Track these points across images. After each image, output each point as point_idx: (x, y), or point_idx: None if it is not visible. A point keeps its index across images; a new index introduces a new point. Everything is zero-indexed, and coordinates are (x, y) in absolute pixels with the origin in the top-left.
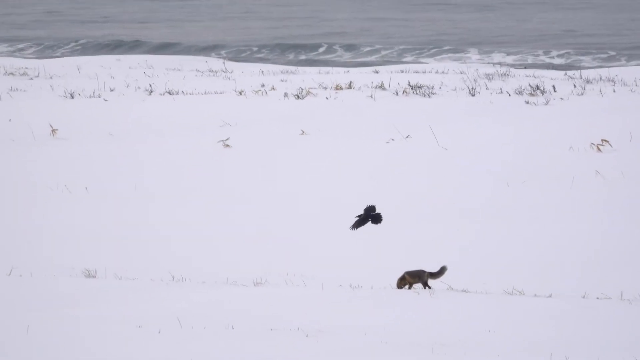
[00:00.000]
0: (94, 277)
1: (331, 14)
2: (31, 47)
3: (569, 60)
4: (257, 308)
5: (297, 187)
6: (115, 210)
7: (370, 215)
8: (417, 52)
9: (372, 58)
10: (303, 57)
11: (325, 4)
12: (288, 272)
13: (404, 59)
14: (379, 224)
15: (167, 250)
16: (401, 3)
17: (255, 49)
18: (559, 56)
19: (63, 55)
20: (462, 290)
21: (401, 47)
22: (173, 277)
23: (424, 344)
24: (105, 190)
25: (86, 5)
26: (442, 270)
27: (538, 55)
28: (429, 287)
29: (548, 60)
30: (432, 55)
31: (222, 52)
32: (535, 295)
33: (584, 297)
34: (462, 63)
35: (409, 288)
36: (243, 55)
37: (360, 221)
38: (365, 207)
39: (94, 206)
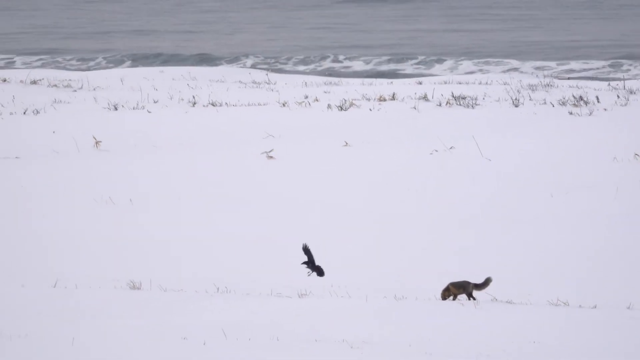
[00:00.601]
0: (138, 288)
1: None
2: (73, 59)
3: (612, 70)
4: (301, 319)
5: (340, 199)
6: (159, 222)
7: (315, 268)
8: (478, 63)
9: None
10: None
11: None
12: (332, 284)
13: (470, 70)
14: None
15: (211, 262)
16: (446, 14)
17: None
18: (608, 66)
19: (106, 67)
20: (507, 302)
21: (461, 58)
22: (218, 289)
23: (469, 355)
24: (149, 202)
25: (126, 17)
26: (487, 282)
27: (591, 66)
28: (474, 298)
29: (594, 71)
30: (482, 65)
31: (259, 60)
32: (580, 306)
33: (629, 307)
34: (504, 73)
35: (454, 299)
36: (279, 66)
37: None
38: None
39: (138, 218)
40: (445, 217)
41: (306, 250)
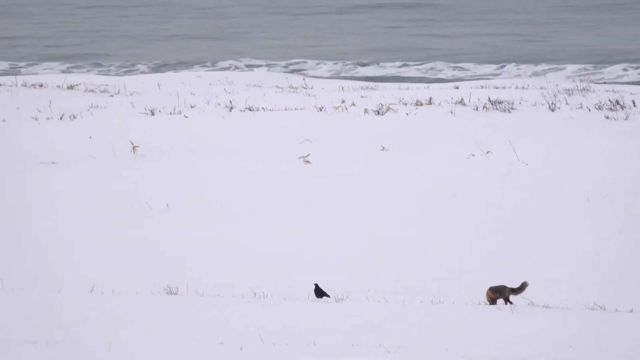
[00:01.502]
0: (175, 294)
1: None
2: (112, 65)
3: None
4: (338, 324)
5: (378, 204)
6: (197, 227)
7: (319, 293)
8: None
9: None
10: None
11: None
12: (369, 288)
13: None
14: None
15: (248, 266)
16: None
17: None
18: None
19: (143, 72)
20: (543, 306)
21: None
22: (255, 294)
23: (506, 359)
24: (186, 207)
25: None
26: (523, 286)
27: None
28: (511, 303)
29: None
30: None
31: (297, 66)
32: (616, 310)
33: None
34: (539, 76)
35: (491, 303)
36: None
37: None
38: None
39: (175, 223)
40: (481, 221)
41: (318, 292)
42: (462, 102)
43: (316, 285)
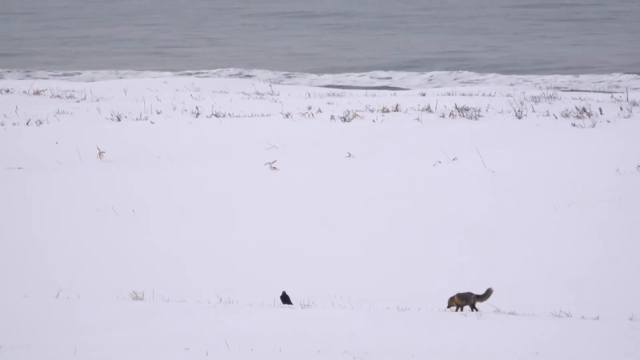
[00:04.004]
0: (141, 299)
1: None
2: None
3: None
4: (304, 330)
5: (343, 209)
6: (163, 232)
7: (285, 300)
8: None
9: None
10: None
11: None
12: (335, 294)
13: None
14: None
15: (212, 272)
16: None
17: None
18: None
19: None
20: (509, 313)
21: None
22: (220, 299)
23: None
24: (151, 212)
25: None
26: (488, 293)
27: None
28: (476, 310)
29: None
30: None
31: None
32: (582, 317)
33: (631, 319)
34: (510, 85)
35: (457, 310)
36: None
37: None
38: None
39: (141, 228)
40: (447, 227)
41: (284, 298)
42: (428, 110)
43: (283, 292)
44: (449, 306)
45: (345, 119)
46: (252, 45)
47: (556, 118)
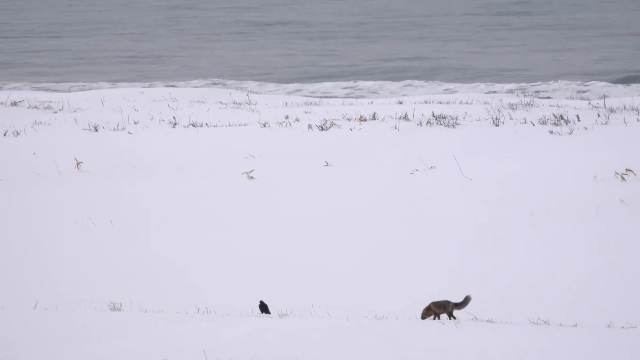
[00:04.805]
0: (119, 310)
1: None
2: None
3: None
4: (282, 340)
5: (321, 219)
6: (140, 244)
7: (263, 309)
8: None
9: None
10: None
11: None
12: (313, 303)
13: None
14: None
15: (191, 282)
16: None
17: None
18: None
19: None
20: (487, 321)
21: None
22: (198, 310)
23: None
24: (129, 223)
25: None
26: (466, 301)
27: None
28: (454, 318)
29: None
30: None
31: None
32: (560, 324)
33: (609, 326)
34: (487, 93)
35: (435, 318)
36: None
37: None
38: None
39: (119, 239)
40: (424, 236)
41: (263, 307)
42: (405, 118)
43: (261, 302)
44: (423, 317)
45: (322, 128)
46: (228, 55)
47: (534, 125)
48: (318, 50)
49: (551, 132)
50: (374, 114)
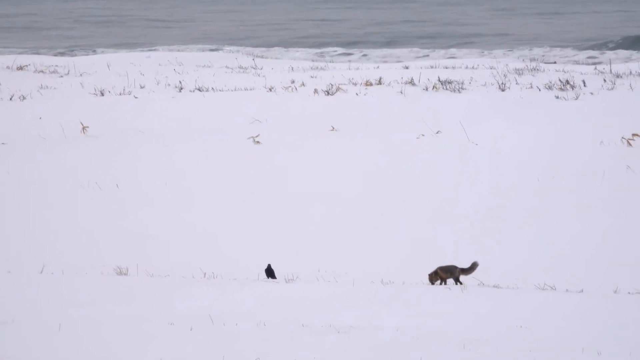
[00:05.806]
0: (125, 274)
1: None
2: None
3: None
4: (288, 304)
5: (326, 184)
6: (146, 207)
7: (269, 273)
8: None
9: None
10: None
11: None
12: (319, 269)
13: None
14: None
15: (197, 247)
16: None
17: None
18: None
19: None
20: (494, 286)
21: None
22: (205, 274)
23: (456, 340)
24: (136, 188)
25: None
26: (474, 266)
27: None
28: (461, 283)
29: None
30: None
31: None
32: (567, 290)
33: (615, 292)
34: (493, 58)
35: (441, 284)
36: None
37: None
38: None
39: (125, 203)
40: (430, 202)
41: (269, 272)
42: (411, 82)
43: (268, 265)
44: (431, 281)
45: (328, 93)
46: (232, 20)
47: (539, 90)
48: (324, 15)
49: (557, 97)
50: (380, 79)
